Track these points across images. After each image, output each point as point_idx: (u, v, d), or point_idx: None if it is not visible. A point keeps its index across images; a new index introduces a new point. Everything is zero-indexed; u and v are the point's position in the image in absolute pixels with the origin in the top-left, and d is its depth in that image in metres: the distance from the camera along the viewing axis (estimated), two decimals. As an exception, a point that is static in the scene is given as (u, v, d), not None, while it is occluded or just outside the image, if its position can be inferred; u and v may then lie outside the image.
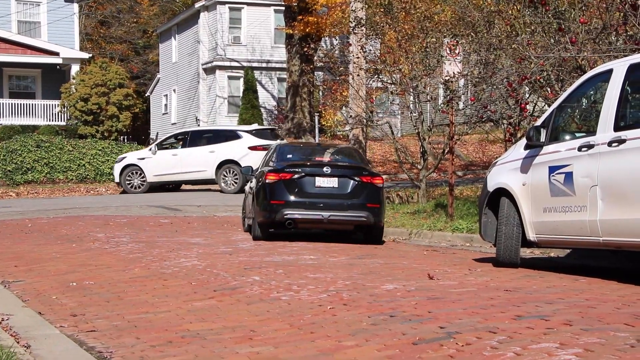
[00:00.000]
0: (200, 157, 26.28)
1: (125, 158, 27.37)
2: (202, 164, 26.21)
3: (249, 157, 25.48)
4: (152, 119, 50.05)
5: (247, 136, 26.54)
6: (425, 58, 16.98)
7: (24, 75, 38.59)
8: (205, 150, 26.37)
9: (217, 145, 26.34)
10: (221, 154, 26.13)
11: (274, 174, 13.34)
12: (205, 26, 42.02)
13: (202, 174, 26.33)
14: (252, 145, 26.04)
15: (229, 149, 26.19)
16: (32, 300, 8.15)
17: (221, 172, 26.14)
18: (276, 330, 6.16)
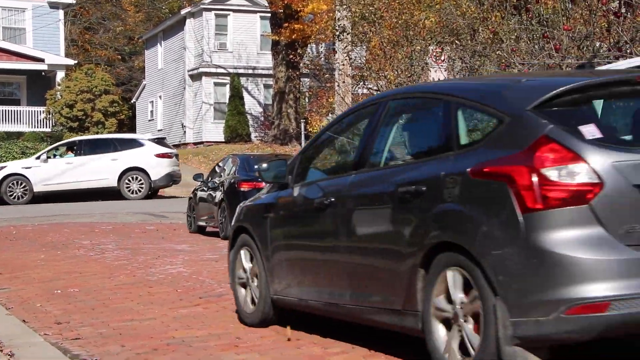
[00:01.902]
0: (100, 165, 25.71)
1: (5, 168, 26.05)
2: (102, 171, 25.67)
3: (157, 164, 25.62)
4: (138, 125, 49.92)
5: (150, 144, 26.36)
6: (411, 65, 17.03)
7: (9, 82, 38.41)
8: (107, 157, 25.81)
9: (119, 153, 25.87)
10: (125, 161, 25.72)
11: (248, 183, 14.16)
12: (192, 33, 42.01)
13: (102, 182, 25.78)
14: (159, 153, 26.02)
15: (133, 156, 25.84)
16: (16, 308, 8.11)
17: (124, 179, 25.78)
18: (262, 337, 6.16)
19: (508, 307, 4.27)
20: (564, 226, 4.22)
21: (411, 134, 5.57)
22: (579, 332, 4.19)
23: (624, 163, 4.26)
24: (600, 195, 4.21)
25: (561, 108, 4.49)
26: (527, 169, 4.30)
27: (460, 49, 14.71)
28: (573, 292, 4.14)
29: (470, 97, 4.99)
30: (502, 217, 4.36)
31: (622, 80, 4.74)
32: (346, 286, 5.51)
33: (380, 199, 5.31)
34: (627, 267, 4.16)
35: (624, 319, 4.13)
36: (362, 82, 19.42)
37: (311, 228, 6.02)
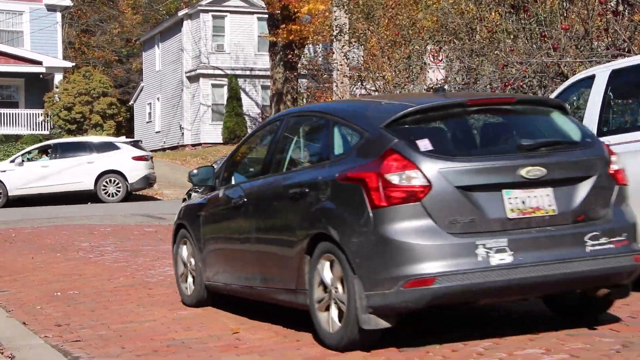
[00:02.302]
0: (76, 168, 25.46)
1: None
2: (79, 174, 25.43)
3: (134, 167, 25.54)
4: (136, 127, 49.91)
5: (126, 147, 26.25)
6: (409, 65, 17.03)
7: (7, 85, 38.39)
8: (83, 160, 25.56)
9: (96, 156, 25.66)
10: (102, 164, 25.55)
11: None
12: (189, 34, 42.00)
13: (78, 185, 25.52)
14: (135, 156, 25.93)
15: (110, 159, 25.69)
16: (16, 310, 8.10)
17: (101, 182, 25.59)
18: (261, 338, 6.15)
19: (363, 283, 5.35)
20: (402, 219, 5.30)
21: (303, 146, 6.77)
22: (413, 301, 5.27)
23: (448, 169, 5.35)
24: (430, 195, 5.29)
25: (405, 126, 5.64)
26: (375, 174, 5.38)
27: (458, 49, 14.71)
28: (408, 270, 5.22)
29: (343, 116, 6.14)
30: (358, 213, 5.44)
31: (456, 103, 5.93)
32: (257, 272, 6.65)
33: (278, 199, 6.44)
34: (449, 250, 5.24)
35: (446, 291, 5.21)
36: (360, 82, 19.42)
37: (231, 224, 7.14)
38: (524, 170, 5.44)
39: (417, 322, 6.08)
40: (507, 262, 5.26)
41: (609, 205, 5.67)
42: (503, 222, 5.38)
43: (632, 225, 5.68)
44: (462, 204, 5.34)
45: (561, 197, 5.54)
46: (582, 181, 5.63)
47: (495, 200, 5.42)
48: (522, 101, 6.21)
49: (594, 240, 5.48)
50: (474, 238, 5.28)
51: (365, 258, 5.37)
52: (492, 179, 5.44)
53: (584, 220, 5.56)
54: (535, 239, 5.39)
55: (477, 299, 5.52)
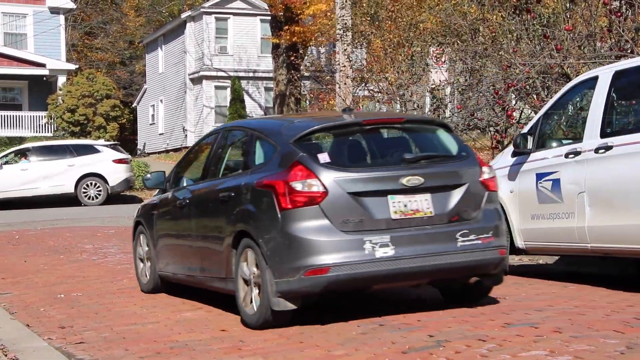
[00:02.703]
0: (56, 171, 25.26)
1: None
2: (59, 178, 25.23)
3: (114, 170, 25.46)
4: (139, 129, 49.95)
5: (107, 150, 26.14)
6: (412, 66, 17.02)
7: (11, 87, 38.44)
8: (63, 163, 25.40)
9: (76, 159, 25.51)
10: (82, 167, 25.42)
11: None
12: (192, 36, 42.01)
13: (59, 188, 25.30)
14: (116, 159, 25.88)
15: (91, 162, 25.58)
16: (19, 312, 8.10)
17: (81, 185, 25.44)
18: (265, 340, 6.15)
19: (273, 272, 6.41)
20: (304, 219, 6.36)
21: (233, 155, 7.86)
22: (312, 287, 6.33)
23: (342, 179, 6.43)
24: (326, 200, 6.37)
25: (310, 142, 6.75)
26: (283, 182, 6.44)
27: (461, 50, 14.70)
28: (307, 261, 6.27)
29: (263, 132, 7.28)
30: (270, 214, 6.50)
31: (353, 122, 7.05)
32: (196, 263, 7.79)
33: (212, 201, 7.54)
34: (341, 245, 6.32)
35: (338, 278, 6.31)
36: (363, 83, 19.41)
37: (177, 222, 8.35)
38: (405, 179, 6.55)
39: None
40: (389, 255, 6.38)
41: (480, 207, 6.80)
42: (388, 222, 6.47)
43: (499, 224, 6.86)
44: (353, 207, 6.43)
45: (438, 201, 6.64)
46: (456, 188, 6.75)
47: (382, 204, 6.50)
48: (410, 121, 7.64)
49: (464, 237, 6.61)
50: (362, 235, 6.37)
51: (275, 251, 6.44)
52: (379, 186, 6.53)
53: (457, 220, 6.67)
54: (414, 236, 6.50)
55: (367, 286, 6.67)
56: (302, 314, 6.54)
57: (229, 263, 7.04)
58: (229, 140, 8.00)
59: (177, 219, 8.32)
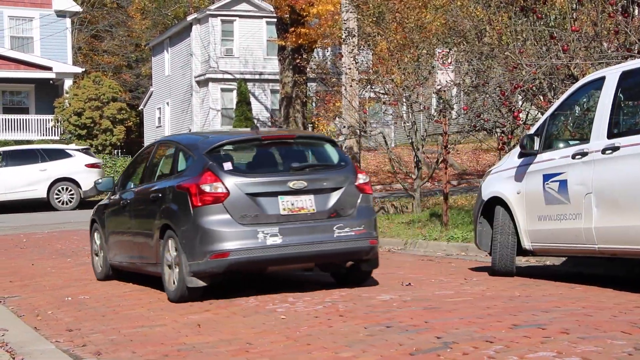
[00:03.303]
0: (28, 176, 25.17)
1: None
2: (31, 182, 25.13)
3: (87, 174, 25.35)
4: (146, 132, 50.02)
5: (79, 154, 26.04)
6: (418, 68, 17.01)
7: (17, 91, 38.55)
8: (35, 168, 25.20)
9: (48, 164, 25.42)
10: (55, 172, 25.33)
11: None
12: (198, 39, 42.07)
13: (31, 192, 25.21)
14: (89, 163, 25.80)
15: (63, 166, 25.50)
16: (27, 315, 8.12)
17: (54, 190, 25.37)
18: (272, 342, 6.14)
19: (187, 256, 8.12)
20: (210, 214, 8.07)
21: (163, 164, 9.56)
22: (216, 268, 8.07)
23: (241, 182, 8.17)
24: (228, 199, 8.09)
25: (218, 153, 8.45)
26: (195, 185, 8.15)
27: (467, 51, 14.68)
28: (212, 247, 8.01)
29: (184, 145, 9.02)
30: (185, 210, 8.21)
31: (253, 138, 8.88)
32: (136, 252, 9.45)
33: (146, 201, 9.24)
34: (239, 234, 8.05)
35: (237, 261, 8.06)
36: (369, 85, 19.40)
37: (122, 218, 9.98)
38: (292, 183, 8.30)
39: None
40: (278, 243, 8.12)
41: (355, 206, 8.55)
42: (277, 217, 8.21)
43: (371, 219, 8.63)
44: (249, 205, 8.16)
45: (319, 201, 8.41)
46: (335, 191, 8.50)
47: (273, 203, 8.23)
48: (301, 137, 9.42)
49: (340, 229, 8.39)
50: (256, 227, 8.11)
51: (188, 239, 8.16)
52: (271, 188, 8.27)
53: (335, 216, 8.44)
54: (299, 228, 8.23)
55: (262, 268, 8.47)
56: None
57: (158, 251, 8.73)
58: (161, 151, 9.81)
59: (122, 216, 10.01)
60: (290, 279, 9.73)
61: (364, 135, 21.28)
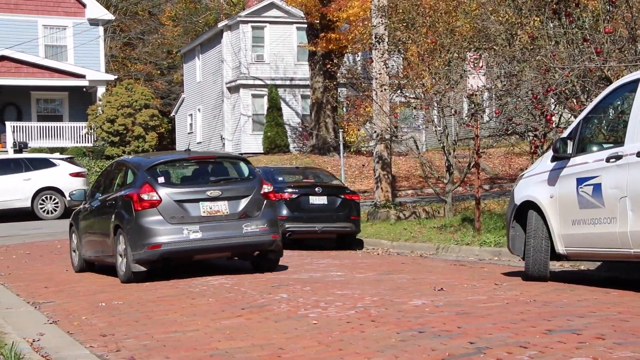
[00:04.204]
0: (12, 185, 25.00)
1: None
2: (15, 192, 24.98)
3: (71, 183, 25.20)
4: (178, 138, 50.33)
5: (63, 163, 25.95)
6: (448, 72, 16.94)
7: (52, 99, 39.00)
8: (19, 178, 25.12)
9: (32, 173, 25.30)
10: (39, 181, 25.24)
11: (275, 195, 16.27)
12: (229, 45, 42.28)
13: (15, 202, 25.05)
14: (73, 172, 25.73)
15: (47, 176, 25.42)
16: (62, 320, 8.20)
17: (38, 199, 25.26)
18: (304, 347, 6.14)
19: (131, 248, 10.64)
20: (147, 216, 10.63)
21: (118, 178, 12.07)
22: (152, 257, 10.63)
23: (171, 192, 10.81)
24: (161, 205, 10.66)
25: (155, 170, 11.10)
26: (137, 194, 10.72)
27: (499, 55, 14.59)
28: (149, 241, 10.56)
29: (131, 164, 11.73)
30: (130, 213, 10.77)
31: (182, 158, 11.81)
32: (100, 247, 12.09)
33: (105, 206, 11.91)
34: (169, 231, 10.62)
35: (168, 251, 10.66)
36: (400, 90, 19.35)
37: (89, 222, 12.66)
38: (209, 192, 10.96)
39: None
40: (198, 237, 10.74)
41: (261, 209, 11.15)
42: (199, 218, 10.83)
43: (273, 219, 11.24)
44: (177, 209, 10.78)
45: (232, 206, 11.00)
46: (244, 198, 11.12)
47: (195, 207, 10.85)
48: (219, 157, 12.46)
49: (247, 227, 10.98)
50: (182, 225, 10.73)
51: (132, 235, 10.74)
52: (193, 196, 10.90)
53: (245, 217, 11.03)
54: (215, 226, 10.85)
55: (188, 256, 11.17)
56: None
57: (113, 245, 11.24)
58: (117, 168, 12.41)
59: (90, 220, 12.61)
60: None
61: (394, 139, 21.22)
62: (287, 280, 10.18)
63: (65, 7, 38.36)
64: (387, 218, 18.81)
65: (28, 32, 37.03)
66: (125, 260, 10.80)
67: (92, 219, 12.41)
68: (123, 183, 11.63)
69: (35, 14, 37.71)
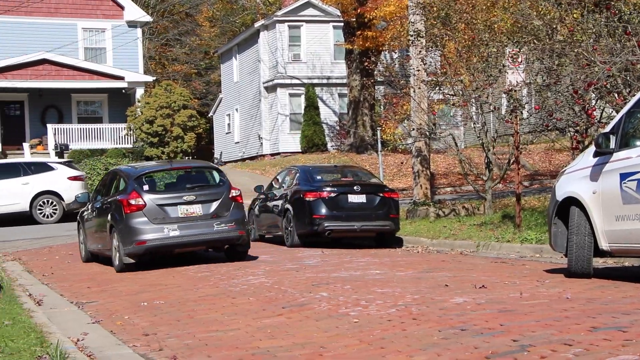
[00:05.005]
0: (11, 190, 24.95)
1: None
2: (13, 196, 24.89)
3: (70, 187, 25.24)
4: (216, 138, 50.62)
5: (62, 167, 25.90)
6: (487, 68, 16.80)
7: (91, 100, 39.44)
8: (17, 182, 25.07)
9: (30, 177, 25.24)
10: (38, 185, 25.19)
11: (312, 193, 15.92)
12: (265, 45, 42.40)
13: (14, 206, 24.96)
14: (71, 176, 25.69)
15: (46, 180, 25.37)
16: (105, 320, 8.28)
17: (37, 203, 25.22)
18: (346, 346, 6.12)
19: (122, 244, 12.85)
20: (134, 218, 12.83)
21: (114, 184, 14.06)
22: (139, 251, 12.82)
23: (154, 197, 13.04)
24: (145, 208, 12.85)
25: (141, 179, 13.36)
26: (126, 200, 12.89)
27: (538, 49, 14.43)
28: (136, 238, 12.76)
29: (124, 173, 13.82)
30: (121, 215, 12.92)
31: (166, 168, 14.71)
32: (100, 242, 14.07)
33: (103, 208, 13.93)
34: (152, 230, 12.88)
35: (152, 246, 12.86)
36: (438, 87, 19.24)
37: (92, 221, 14.65)
38: (185, 197, 13.08)
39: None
40: (177, 234, 12.82)
41: (229, 210, 13.21)
42: (177, 218, 12.93)
43: (239, 218, 13.29)
44: (159, 211, 12.88)
45: (204, 208, 13.11)
46: (215, 201, 13.18)
47: (174, 209, 12.96)
48: (195, 167, 14.56)
49: (218, 225, 13.01)
50: (163, 225, 12.82)
51: (122, 233, 12.83)
52: (172, 201, 13.03)
53: (216, 217, 13.08)
54: (191, 225, 12.92)
55: (170, 250, 13.15)
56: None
57: (111, 240, 13.24)
58: (113, 176, 14.46)
59: (92, 219, 14.66)
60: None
61: (433, 137, 21.12)
62: (327, 279, 10.17)
63: (104, 9, 38.78)
64: (426, 216, 18.72)
65: (68, 35, 37.49)
66: (118, 254, 12.93)
67: (94, 218, 14.46)
68: (116, 189, 13.72)
69: (74, 17, 38.17)
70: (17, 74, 35.95)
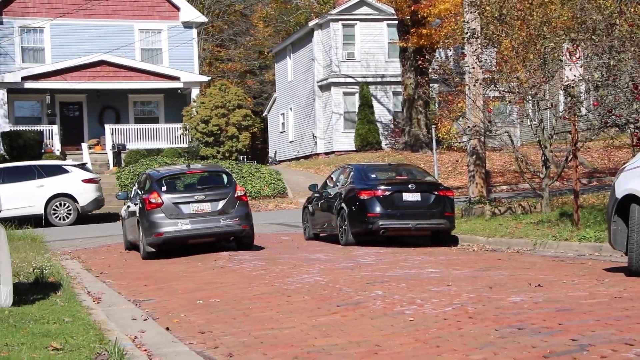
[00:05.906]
0: (26, 192, 25.05)
1: None
2: (28, 199, 24.98)
3: (84, 190, 25.27)
4: (270, 138, 50.87)
5: (76, 170, 25.94)
6: (544, 64, 16.55)
7: (148, 101, 39.98)
8: (32, 185, 25.23)
9: (45, 180, 25.37)
10: (52, 188, 25.34)
11: (367, 192, 15.92)
12: (319, 44, 42.46)
13: (28, 209, 24.96)
14: (86, 178, 25.73)
15: (60, 182, 25.45)
16: (161, 318, 8.37)
17: (51, 206, 25.31)
18: (401, 344, 6.09)
19: (144, 235, 15.08)
20: (154, 214, 15.01)
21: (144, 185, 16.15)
22: (158, 241, 15.00)
23: (170, 196, 15.31)
24: (163, 205, 15.07)
25: (161, 180, 15.63)
26: (147, 198, 15.19)
27: (597, 45, 14.17)
28: (155, 230, 14.94)
29: (150, 175, 16.13)
30: (143, 211, 15.18)
31: (183, 172, 16.36)
32: (134, 233, 16.00)
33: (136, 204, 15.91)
34: (168, 224, 14.98)
35: (168, 237, 15.01)
36: (493, 84, 19.02)
37: (130, 215, 16.45)
38: (197, 196, 15.14)
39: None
40: (189, 228, 14.88)
41: (234, 208, 15.18)
42: (190, 214, 14.95)
43: (243, 215, 15.20)
44: (174, 208, 14.95)
45: (213, 205, 15.09)
46: (222, 200, 15.22)
47: (187, 207, 15.01)
48: (207, 170, 17.21)
49: (224, 220, 14.99)
50: (177, 220, 14.88)
51: (144, 226, 14.94)
52: (185, 200, 15.13)
53: (222, 213, 15.05)
54: (201, 219, 14.95)
55: (184, 241, 15.17)
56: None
57: (138, 232, 15.29)
58: (144, 177, 16.45)
59: (127, 214, 16.80)
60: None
61: (488, 134, 20.89)
62: (382, 278, 10.14)
63: (160, 11, 39.27)
64: (481, 214, 18.53)
65: (125, 37, 38.06)
66: (141, 244, 15.20)
67: (130, 213, 16.52)
68: (144, 189, 15.88)
69: (131, 18, 38.73)
70: (76, 75, 36.63)
